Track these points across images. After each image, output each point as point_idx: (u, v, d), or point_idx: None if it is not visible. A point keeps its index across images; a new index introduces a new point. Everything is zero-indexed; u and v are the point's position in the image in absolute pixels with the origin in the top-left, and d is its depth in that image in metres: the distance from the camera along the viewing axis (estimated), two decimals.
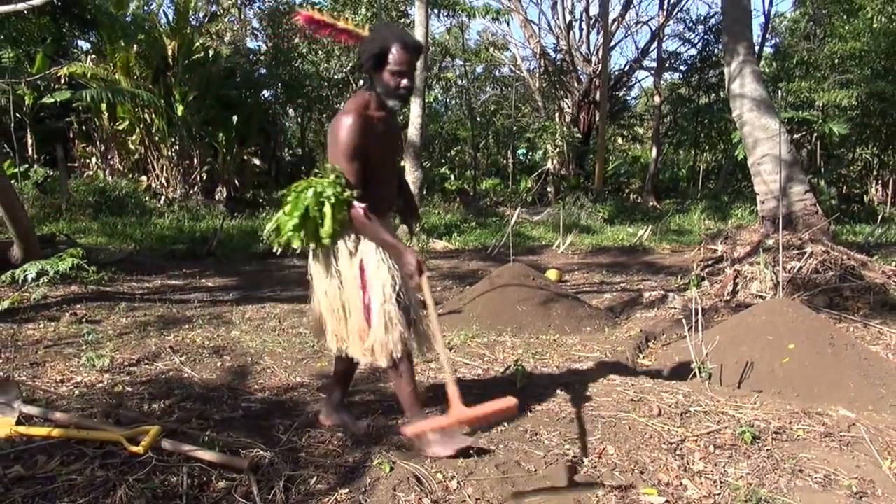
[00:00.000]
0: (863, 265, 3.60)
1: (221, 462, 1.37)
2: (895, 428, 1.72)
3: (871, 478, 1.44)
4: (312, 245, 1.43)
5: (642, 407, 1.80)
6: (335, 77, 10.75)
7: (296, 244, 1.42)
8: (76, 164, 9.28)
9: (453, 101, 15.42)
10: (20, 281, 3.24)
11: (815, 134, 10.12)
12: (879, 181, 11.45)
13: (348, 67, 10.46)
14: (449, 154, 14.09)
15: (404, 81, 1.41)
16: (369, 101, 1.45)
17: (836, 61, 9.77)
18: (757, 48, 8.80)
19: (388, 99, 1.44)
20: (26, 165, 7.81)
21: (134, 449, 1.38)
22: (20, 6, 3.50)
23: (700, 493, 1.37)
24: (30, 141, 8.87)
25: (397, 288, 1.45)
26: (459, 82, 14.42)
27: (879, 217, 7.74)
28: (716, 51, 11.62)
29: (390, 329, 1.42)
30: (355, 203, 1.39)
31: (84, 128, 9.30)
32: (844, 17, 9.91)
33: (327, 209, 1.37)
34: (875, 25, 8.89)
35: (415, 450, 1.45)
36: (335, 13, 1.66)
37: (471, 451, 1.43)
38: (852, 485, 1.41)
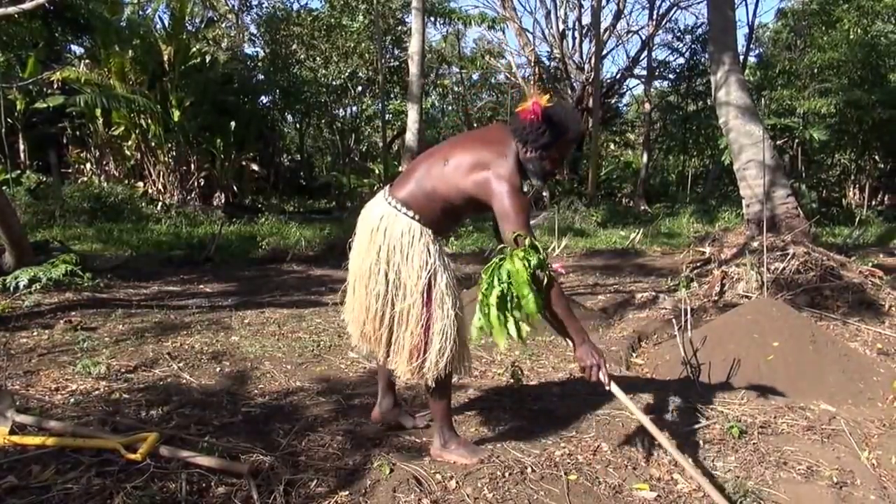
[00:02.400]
0: (842, 265, 3.70)
1: (221, 467, 1.35)
2: (873, 420, 1.78)
3: (851, 468, 1.50)
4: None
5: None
6: (333, 83, 10.81)
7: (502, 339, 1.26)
8: (70, 170, 9.19)
9: (450, 108, 15.56)
10: (11, 288, 3.18)
11: (797, 140, 10.32)
12: (857, 185, 11.75)
13: (346, 73, 10.52)
14: None
15: (557, 168, 1.37)
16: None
17: (816, 71, 10.07)
18: (741, 58, 9.03)
19: (534, 177, 1.36)
20: (18, 171, 7.71)
21: (131, 456, 1.35)
22: (10, 10, 3.49)
23: (690, 486, 1.40)
24: (21, 146, 8.77)
25: (458, 307, 1.38)
26: (456, 89, 14.59)
27: (857, 220, 7.87)
28: (703, 60, 11.90)
29: (445, 350, 1.37)
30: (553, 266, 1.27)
31: (78, 133, 9.23)
32: (823, 28, 10.25)
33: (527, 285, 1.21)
34: (851, 37, 9.24)
35: (434, 455, 1.46)
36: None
37: (491, 459, 1.46)
38: (833, 475, 1.46)
